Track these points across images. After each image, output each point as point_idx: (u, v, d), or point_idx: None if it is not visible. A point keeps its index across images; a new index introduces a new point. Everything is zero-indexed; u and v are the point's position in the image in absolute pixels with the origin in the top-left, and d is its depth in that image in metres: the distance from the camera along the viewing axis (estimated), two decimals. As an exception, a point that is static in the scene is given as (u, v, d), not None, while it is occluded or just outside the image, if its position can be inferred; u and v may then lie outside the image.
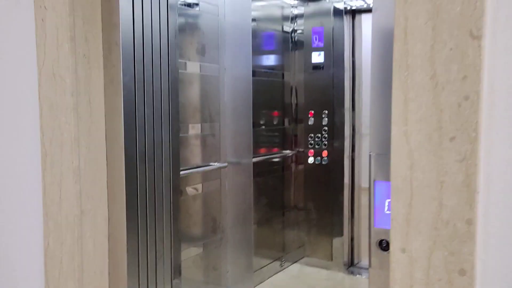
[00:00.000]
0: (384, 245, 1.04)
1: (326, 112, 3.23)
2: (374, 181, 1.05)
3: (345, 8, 3.23)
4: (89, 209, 1.45)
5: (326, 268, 3.27)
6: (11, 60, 1.52)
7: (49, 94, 1.43)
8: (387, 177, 0.97)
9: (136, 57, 1.53)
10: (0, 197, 1.60)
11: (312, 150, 3.30)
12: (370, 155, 1.04)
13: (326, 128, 3.24)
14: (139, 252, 1.62)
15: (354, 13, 3.23)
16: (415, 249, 0.90)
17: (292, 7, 3.34)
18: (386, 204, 1.02)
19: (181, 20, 2.29)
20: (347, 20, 3.23)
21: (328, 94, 3.21)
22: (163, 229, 1.71)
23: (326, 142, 3.24)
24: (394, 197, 0.91)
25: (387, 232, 1.00)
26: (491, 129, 0.82)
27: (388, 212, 0.96)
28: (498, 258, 0.85)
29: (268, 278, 3.11)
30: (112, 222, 1.53)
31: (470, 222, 0.84)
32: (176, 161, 1.77)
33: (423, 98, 0.86)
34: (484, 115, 0.82)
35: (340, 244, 3.27)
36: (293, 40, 3.33)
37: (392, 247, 0.92)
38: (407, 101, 0.88)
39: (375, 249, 1.05)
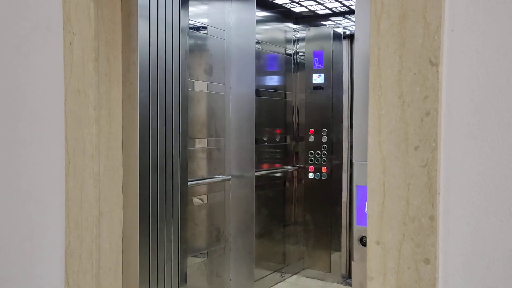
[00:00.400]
0: (364, 241, 1.20)
1: (326, 130, 3.40)
2: (357, 185, 1.22)
3: (344, 32, 3.43)
4: (107, 211, 1.62)
5: (325, 279, 3.40)
6: (40, 78, 1.71)
7: (74, 108, 1.61)
8: (367, 182, 1.13)
9: (151, 76, 1.72)
10: (25, 199, 1.77)
11: (312, 166, 3.46)
12: (352, 163, 1.21)
13: (325, 145, 3.41)
14: (150, 252, 1.78)
15: (352, 37, 3.43)
16: (387, 242, 1.05)
17: (295, 31, 3.55)
18: (366, 205, 1.18)
19: (191, 42, 2.49)
20: (346, 44, 3.43)
21: (327, 113, 3.39)
22: (171, 233, 1.88)
23: (325, 159, 3.41)
24: (370, 198, 1.07)
25: (367, 230, 1.15)
26: (449, 140, 0.99)
27: (367, 212, 1.12)
28: (457, 249, 1.01)
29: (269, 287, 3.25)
30: (126, 223, 1.69)
31: (432, 219, 1.00)
32: (185, 171, 1.95)
33: (393, 114, 1.03)
34: (442, 128, 0.99)
35: (338, 257, 3.40)
36: (295, 62, 3.53)
37: (368, 240, 1.08)
38: (380, 116, 1.05)
39: (356, 244, 1.21)
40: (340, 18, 3.54)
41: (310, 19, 3.52)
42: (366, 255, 1.11)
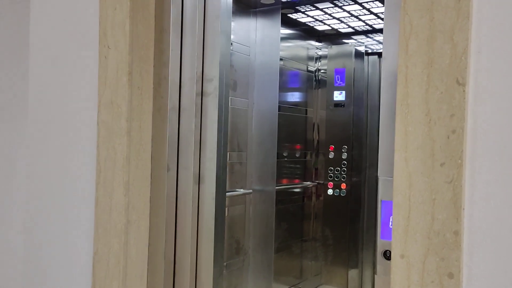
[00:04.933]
0: (388, 255, 1.22)
1: (346, 147, 3.43)
2: (381, 200, 1.25)
3: (366, 51, 3.48)
4: (134, 220, 1.67)
5: (342, 296, 3.39)
6: (75, 89, 1.79)
7: (107, 119, 1.68)
8: (391, 197, 1.16)
9: (181, 90, 1.78)
10: (56, 205, 1.84)
11: (331, 183, 3.48)
12: (378, 178, 1.24)
13: (345, 162, 3.43)
14: (175, 262, 1.82)
15: (374, 55, 3.47)
16: (412, 255, 1.08)
17: (317, 48, 3.61)
18: (391, 219, 1.21)
19: (217, 58, 2.56)
20: (368, 62, 3.47)
21: (348, 130, 3.42)
22: (196, 244, 1.91)
23: (345, 175, 3.43)
24: (395, 212, 1.10)
25: (391, 244, 1.18)
26: (474, 157, 1.02)
27: (391, 226, 1.15)
28: (481, 264, 1.03)
29: (286, 302, 3.25)
30: (152, 232, 1.74)
31: (457, 233, 1.03)
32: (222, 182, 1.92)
33: (419, 131, 1.06)
34: (468, 146, 1.02)
35: (355, 273, 3.40)
36: (317, 79, 3.58)
37: (393, 253, 1.11)
38: (407, 133, 1.08)
39: (380, 258, 1.23)
40: (362, 36, 3.58)
41: (333, 37, 3.58)
42: (390, 269, 1.14)
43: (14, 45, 2.00)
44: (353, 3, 2.77)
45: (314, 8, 2.94)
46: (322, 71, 3.57)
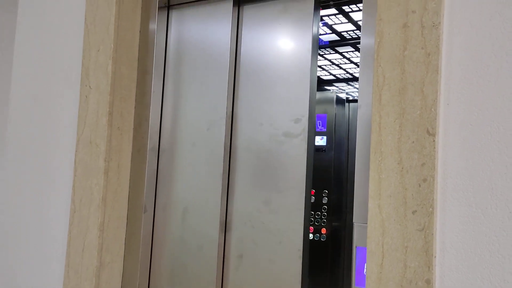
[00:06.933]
0: (362, 303, 1.21)
1: (327, 191, 3.44)
2: (356, 246, 1.25)
3: (347, 98, 3.56)
4: (108, 262, 1.63)
5: None
6: (54, 127, 1.79)
7: (85, 158, 1.67)
8: (366, 244, 1.16)
9: (161, 131, 1.79)
10: (26, 244, 1.79)
11: (312, 227, 3.46)
12: (353, 224, 1.25)
13: (325, 206, 3.43)
14: (146, 306, 1.77)
15: (354, 102, 3.55)
16: (385, 304, 1.07)
17: (299, 94, 3.68)
18: (365, 266, 1.21)
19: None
20: (349, 108, 3.54)
21: (329, 174, 3.45)
22: None
23: (325, 220, 3.42)
24: (369, 259, 1.10)
25: (365, 291, 1.17)
26: (445, 206, 1.04)
27: (365, 273, 1.14)
28: (453, 315, 1.03)
29: None
30: (125, 275, 1.70)
31: (428, 282, 1.03)
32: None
33: (392, 179, 1.08)
34: (438, 194, 1.04)
35: (335, 321, 3.33)
36: (298, 123, 3.63)
37: (366, 301, 1.10)
38: (380, 180, 1.10)
39: (355, 306, 1.22)
40: (344, 84, 3.68)
41: (315, 83, 3.67)
42: (364, 317, 1.13)
43: (-4, 82, 2.00)
44: (334, 52, 2.86)
45: (297, 55, 3.02)
46: (304, 116, 3.63)
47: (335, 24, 2.59)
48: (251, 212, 1.61)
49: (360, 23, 2.30)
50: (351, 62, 3.03)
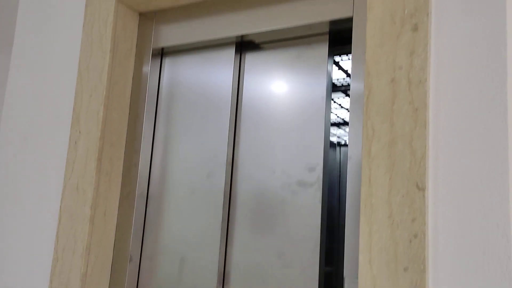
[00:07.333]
0: None
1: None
2: (347, 302, 1.21)
3: (338, 142, 3.57)
4: (90, 314, 1.57)
5: None
6: (41, 172, 1.76)
7: (70, 205, 1.64)
8: (357, 299, 1.12)
9: (151, 177, 1.77)
10: (7, 296, 1.72)
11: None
12: (344, 278, 1.21)
13: (317, 252, 3.37)
14: None
15: (345, 146, 3.56)
16: None
17: (291, 138, 3.69)
18: (356, 324, 1.16)
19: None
20: (340, 152, 3.55)
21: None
22: None
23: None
24: (360, 317, 1.06)
25: None
26: (436, 263, 1.01)
27: (357, 331, 1.10)
28: None
29: None
30: (108, 328, 1.63)
31: None
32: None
33: (383, 233, 1.06)
34: (430, 251, 1.02)
35: None
36: (290, 168, 3.62)
37: None
38: (371, 233, 1.08)
39: None
40: (335, 128, 3.71)
41: (306, 128, 3.69)
42: None
43: (-16, 125, 1.99)
44: (325, 98, 2.90)
45: (288, 101, 3.05)
46: (295, 160, 3.63)
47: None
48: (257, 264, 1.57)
49: (349, 71, 2.33)
50: (342, 107, 3.06)
